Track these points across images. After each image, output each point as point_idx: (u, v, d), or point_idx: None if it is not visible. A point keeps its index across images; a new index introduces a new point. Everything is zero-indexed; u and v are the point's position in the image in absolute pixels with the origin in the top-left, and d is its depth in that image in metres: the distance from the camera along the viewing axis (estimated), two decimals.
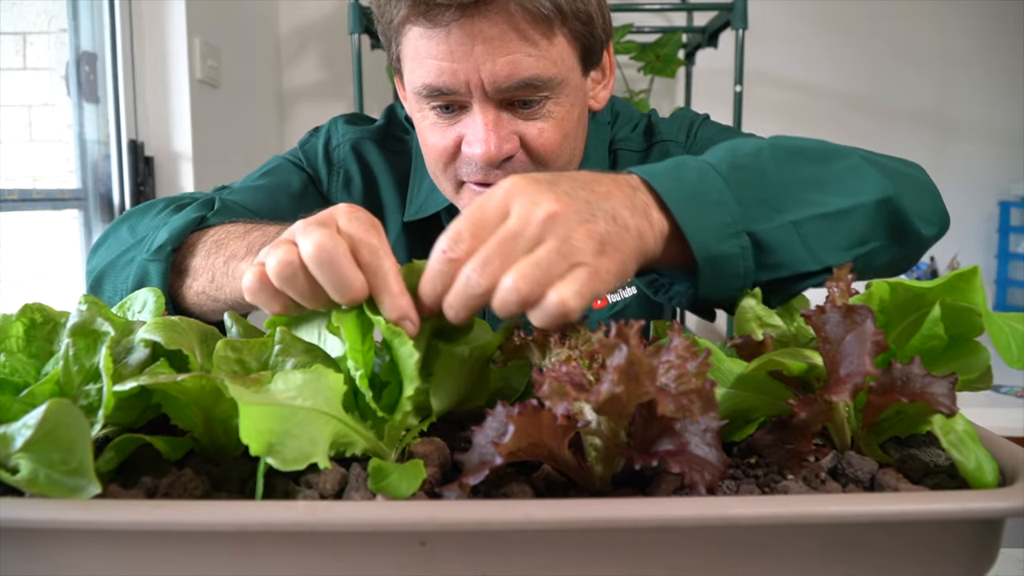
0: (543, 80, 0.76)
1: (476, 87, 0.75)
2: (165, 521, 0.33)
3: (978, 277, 0.44)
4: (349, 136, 1.00)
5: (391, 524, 0.33)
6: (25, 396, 0.41)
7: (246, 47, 2.27)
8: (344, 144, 1.00)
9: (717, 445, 0.38)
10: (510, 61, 0.74)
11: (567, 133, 0.81)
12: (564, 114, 0.80)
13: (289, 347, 0.47)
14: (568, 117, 0.81)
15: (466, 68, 0.74)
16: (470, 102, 0.77)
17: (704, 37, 2.25)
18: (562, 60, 0.78)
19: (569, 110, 0.81)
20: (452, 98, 0.78)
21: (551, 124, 0.79)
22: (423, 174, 0.94)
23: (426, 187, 0.95)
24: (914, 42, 2.58)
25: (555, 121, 0.79)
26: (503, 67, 0.74)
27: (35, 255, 1.73)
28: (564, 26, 0.77)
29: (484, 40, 0.73)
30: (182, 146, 1.86)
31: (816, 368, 0.44)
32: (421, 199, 0.96)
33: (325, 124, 1.05)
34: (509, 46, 0.74)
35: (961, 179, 2.61)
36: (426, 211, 0.95)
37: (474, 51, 0.74)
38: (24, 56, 1.70)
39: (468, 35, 0.73)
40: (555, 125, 0.79)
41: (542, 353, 0.47)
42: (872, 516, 0.34)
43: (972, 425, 0.41)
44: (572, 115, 0.81)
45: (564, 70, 0.78)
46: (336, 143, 1.00)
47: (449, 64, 0.75)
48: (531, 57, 0.75)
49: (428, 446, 0.44)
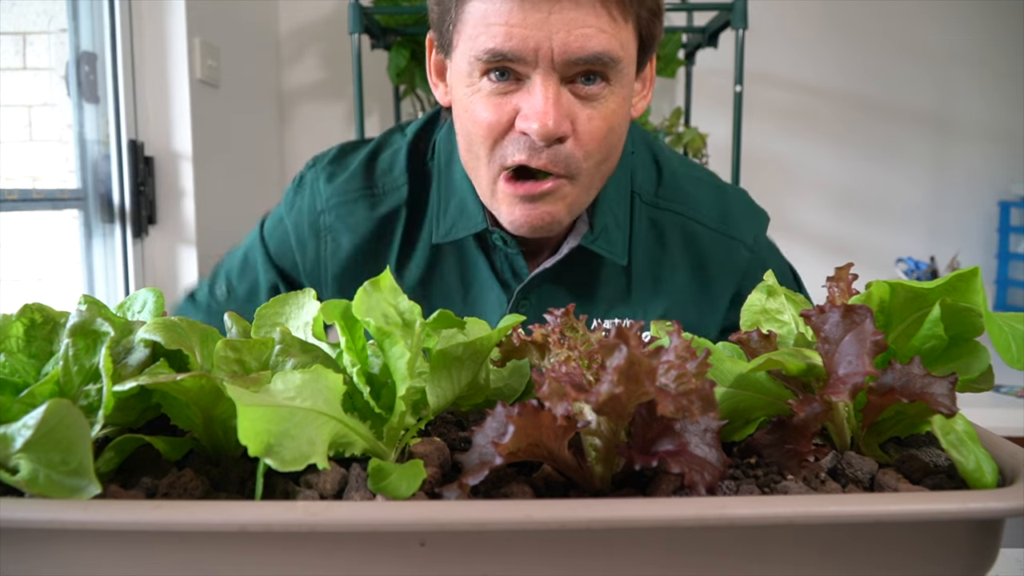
0: (611, 58, 0.76)
1: (545, 56, 0.74)
2: (165, 521, 0.33)
3: (978, 277, 0.44)
4: (334, 201, 0.97)
5: (391, 524, 0.33)
6: (25, 396, 0.41)
7: (246, 47, 2.27)
8: (329, 212, 0.97)
9: (717, 445, 0.38)
10: (584, 34, 0.73)
11: (613, 127, 0.80)
12: (615, 106, 0.80)
13: (289, 347, 0.47)
14: (618, 110, 0.80)
15: (538, 36, 0.73)
16: (531, 73, 0.76)
17: (704, 37, 2.25)
18: (629, 47, 0.78)
19: (620, 103, 0.80)
20: (514, 65, 0.76)
21: (601, 113, 0.79)
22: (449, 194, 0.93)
23: (453, 208, 0.93)
24: (914, 42, 2.58)
25: (607, 111, 0.79)
26: (577, 38, 0.73)
27: (35, 255, 1.73)
28: (638, 9, 0.77)
29: (561, 10, 0.73)
30: (182, 146, 1.86)
31: (816, 368, 0.44)
32: (450, 222, 0.93)
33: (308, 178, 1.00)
34: (587, 18, 0.73)
35: (961, 179, 2.62)
36: (455, 235, 0.93)
37: (550, 19, 0.73)
38: (24, 56, 1.70)
39: (546, 2, 0.72)
40: (605, 115, 0.79)
41: (541, 354, 0.47)
42: (872, 516, 0.34)
43: (972, 425, 0.41)
44: (621, 109, 0.81)
45: (628, 57, 0.79)
46: (321, 208, 0.97)
47: (521, 30, 0.73)
48: (605, 33, 0.74)
49: (428, 446, 0.44)
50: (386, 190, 0.97)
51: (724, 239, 0.96)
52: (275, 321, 0.54)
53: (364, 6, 1.96)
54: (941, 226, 2.64)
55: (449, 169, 0.95)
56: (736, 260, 0.96)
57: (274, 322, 0.54)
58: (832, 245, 2.62)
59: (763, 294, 0.55)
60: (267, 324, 0.53)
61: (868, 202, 2.64)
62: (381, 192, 0.97)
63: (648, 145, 1.01)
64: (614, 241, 0.92)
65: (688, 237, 0.96)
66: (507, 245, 0.91)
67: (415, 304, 0.46)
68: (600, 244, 0.91)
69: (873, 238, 2.63)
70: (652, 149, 1.01)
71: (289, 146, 2.60)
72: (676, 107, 2.44)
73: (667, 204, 0.97)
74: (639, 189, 0.96)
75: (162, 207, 1.88)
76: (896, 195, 2.63)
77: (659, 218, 0.96)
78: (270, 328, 0.53)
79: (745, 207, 1.00)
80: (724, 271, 0.96)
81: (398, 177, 0.97)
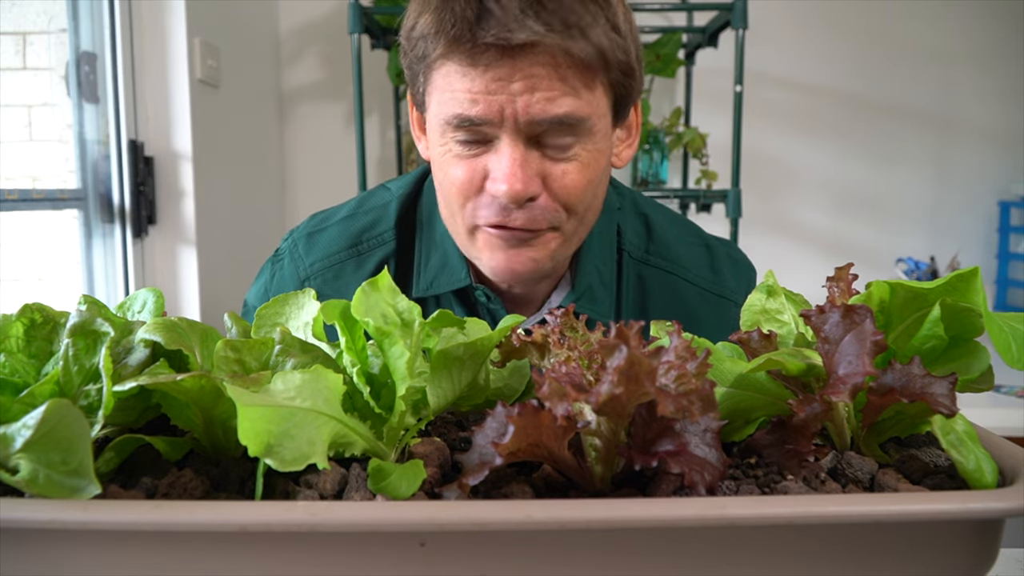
0: (577, 119, 0.75)
1: (509, 118, 0.74)
2: (165, 521, 0.33)
3: (978, 277, 0.44)
4: (318, 266, 0.95)
5: (391, 524, 0.33)
6: (25, 396, 0.41)
7: (246, 47, 2.27)
8: (314, 278, 0.95)
9: (717, 445, 0.38)
10: (547, 97, 0.73)
11: (591, 180, 0.80)
12: (591, 160, 0.79)
13: (289, 347, 0.47)
14: (595, 164, 0.80)
15: (501, 99, 0.74)
16: (499, 134, 0.76)
17: (704, 37, 2.25)
18: (598, 105, 0.77)
19: (597, 157, 0.80)
20: (481, 129, 0.76)
21: (576, 167, 0.78)
22: (430, 248, 0.92)
23: (434, 264, 0.92)
24: (914, 42, 2.58)
25: (581, 164, 0.78)
26: (539, 101, 0.73)
27: (35, 255, 1.73)
28: (606, 75, 0.77)
29: (524, 77, 0.73)
30: (182, 146, 1.86)
31: (815, 368, 0.44)
32: (430, 276, 0.92)
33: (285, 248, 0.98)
34: (549, 84, 0.73)
35: (961, 179, 2.62)
36: (436, 289, 0.92)
37: (511, 86, 0.73)
38: (24, 56, 1.70)
39: (509, 71, 0.73)
40: (580, 168, 0.78)
41: (541, 354, 0.47)
42: (872, 516, 0.34)
43: (972, 425, 0.41)
44: (599, 163, 0.80)
45: (598, 115, 0.78)
46: (304, 276, 0.95)
47: (484, 95, 0.74)
48: (568, 96, 0.74)
49: (428, 446, 0.44)
50: (371, 245, 0.95)
51: (714, 297, 0.96)
52: (275, 321, 0.54)
53: (364, 6, 1.96)
54: (941, 226, 2.64)
55: (431, 223, 0.94)
56: (726, 318, 0.96)
57: (274, 322, 0.54)
58: (832, 245, 2.62)
59: (763, 294, 0.55)
60: (267, 324, 0.53)
61: (868, 202, 2.64)
62: (367, 248, 0.95)
63: (634, 201, 1.00)
64: (599, 300, 0.92)
65: (676, 294, 0.96)
66: (490, 300, 0.91)
67: (414, 304, 0.46)
68: (583, 304, 0.91)
69: (873, 238, 2.63)
70: (639, 204, 1.00)
71: (289, 146, 2.60)
72: (676, 107, 2.44)
73: (657, 261, 0.96)
74: (628, 246, 0.96)
75: (162, 207, 1.88)
76: (896, 195, 2.63)
77: (647, 274, 0.96)
78: (270, 328, 0.53)
79: (734, 263, 1.00)
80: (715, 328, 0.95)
81: (385, 233, 0.95)
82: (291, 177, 2.61)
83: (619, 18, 0.77)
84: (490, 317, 0.93)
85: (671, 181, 2.58)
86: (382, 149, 2.64)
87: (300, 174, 2.60)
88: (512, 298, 0.93)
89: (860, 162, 2.63)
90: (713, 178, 2.33)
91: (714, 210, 2.41)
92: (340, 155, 2.57)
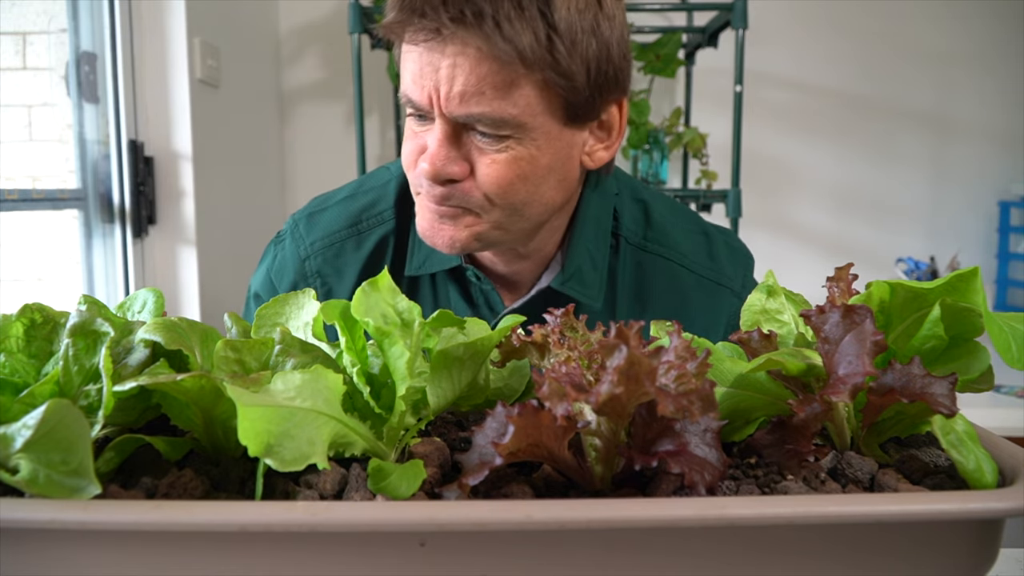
0: (495, 119, 0.75)
1: (436, 104, 0.76)
2: (165, 521, 0.33)
3: (978, 277, 0.44)
4: (318, 245, 0.96)
5: (391, 524, 0.33)
6: (25, 396, 0.41)
7: (246, 47, 2.27)
8: (314, 257, 0.96)
9: (717, 445, 0.38)
10: (461, 93, 0.74)
11: (525, 176, 0.79)
12: (526, 156, 0.78)
13: (289, 347, 0.47)
14: (532, 161, 0.79)
15: (429, 85, 0.76)
16: (434, 116, 0.78)
17: (704, 37, 2.25)
18: (526, 104, 0.76)
19: (535, 154, 0.78)
20: (422, 109, 0.79)
21: (506, 160, 0.78)
22: None
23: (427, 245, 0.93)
24: (914, 42, 2.58)
25: (512, 159, 0.78)
26: (455, 97, 0.74)
27: (35, 255, 1.73)
28: (533, 74, 0.75)
29: (449, 66, 0.74)
30: (182, 146, 1.86)
31: (815, 368, 0.44)
32: (424, 255, 0.94)
33: (287, 229, 0.99)
34: (466, 79, 0.74)
35: (961, 179, 2.62)
36: (429, 268, 0.94)
37: (439, 73, 0.74)
38: (24, 56, 1.70)
39: (439, 55, 0.74)
40: (509, 162, 0.78)
41: (541, 354, 0.47)
42: (872, 516, 0.34)
43: (972, 425, 0.41)
44: (539, 161, 0.79)
45: (528, 115, 0.76)
46: (305, 255, 0.96)
47: (419, 79, 0.76)
48: (482, 95, 0.74)
49: (428, 446, 0.44)
50: (371, 224, 0.96)
51: (711, 284, 0.96)
52: (275, 321, 0.54)
53: (364, 6, 1.96)
54: (941, 226, 2.64)
55: None
56: (723, 305, 0.96)
57: (274, 322, 0.54)
58: (832, 245, 2.62)
59: (763, 294, 0.55)
60: (267, 324, 0.53)
61: (868, 202, 2.64)
62: (366, 227, 0.96)
63: (632, 187, 1.00)
64: (588, 284, 0.92)
65: (674, 280, 0.96)
66: (480, 281, 0.92)
67: (414, 304, 0.46)
68: (572, 286, 0.91)
69: (873, 238, 2.63)
70: (637, 191, 1.00)
71: (289, 146, 2.60)
72: (676, 107, 2.44)
73: (654, 247, 0.96)
74: (626, 232, 0.96)
75: (162, 207, 1.88)
76: (896, 195, 2.63)
77: (645, 260, 0.96)
78: (270, 328, 0.53)
79: (732, 251, 1.00)
80: (710, 315, 0.96)
81: (384, 212, 0.97)
82: (291, 177, 2.61)
83: (560, 19, 0.74)
84: (483, 297, 0.94)
85: (671, 181, 2.58)
86: (382, 149, 2.64)
87: (300, 174, 2.60)
88: (501, 279, 0.94)
89: (860, 162, 2.63)
90: (713, 178, 2.33)
91: (714, 210, 2.41)
92: (340, 155, 2.57)
